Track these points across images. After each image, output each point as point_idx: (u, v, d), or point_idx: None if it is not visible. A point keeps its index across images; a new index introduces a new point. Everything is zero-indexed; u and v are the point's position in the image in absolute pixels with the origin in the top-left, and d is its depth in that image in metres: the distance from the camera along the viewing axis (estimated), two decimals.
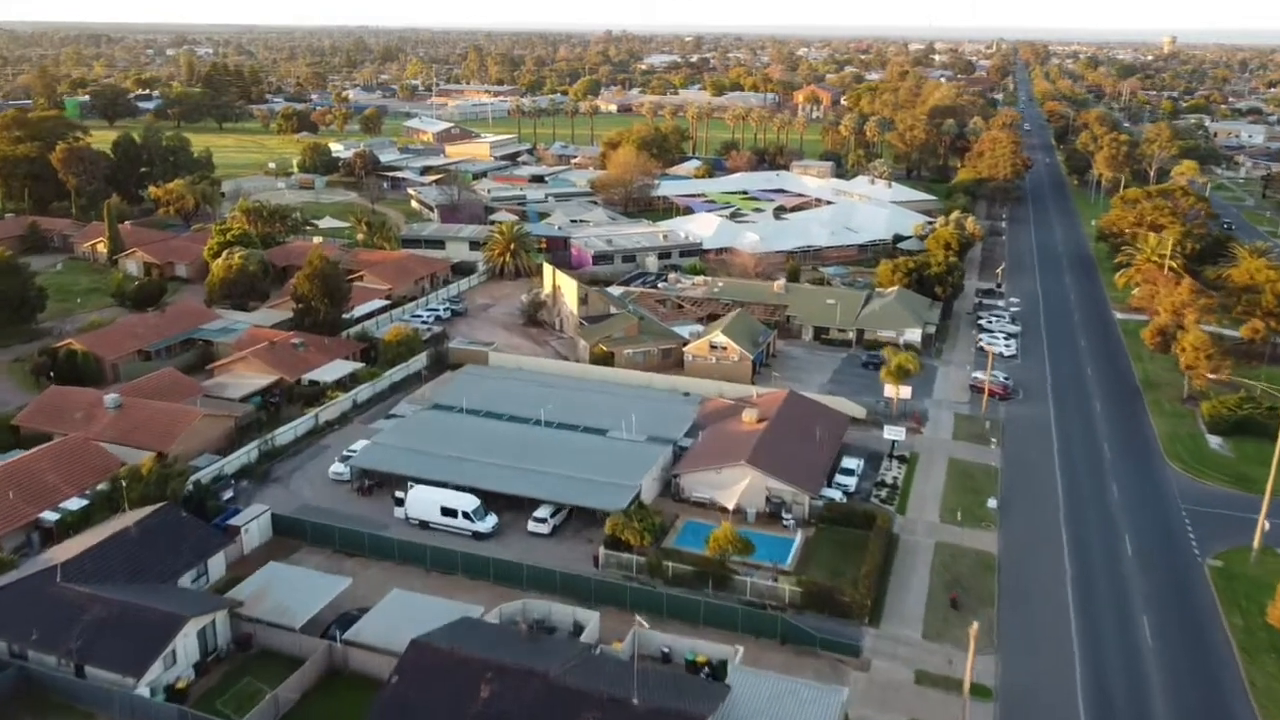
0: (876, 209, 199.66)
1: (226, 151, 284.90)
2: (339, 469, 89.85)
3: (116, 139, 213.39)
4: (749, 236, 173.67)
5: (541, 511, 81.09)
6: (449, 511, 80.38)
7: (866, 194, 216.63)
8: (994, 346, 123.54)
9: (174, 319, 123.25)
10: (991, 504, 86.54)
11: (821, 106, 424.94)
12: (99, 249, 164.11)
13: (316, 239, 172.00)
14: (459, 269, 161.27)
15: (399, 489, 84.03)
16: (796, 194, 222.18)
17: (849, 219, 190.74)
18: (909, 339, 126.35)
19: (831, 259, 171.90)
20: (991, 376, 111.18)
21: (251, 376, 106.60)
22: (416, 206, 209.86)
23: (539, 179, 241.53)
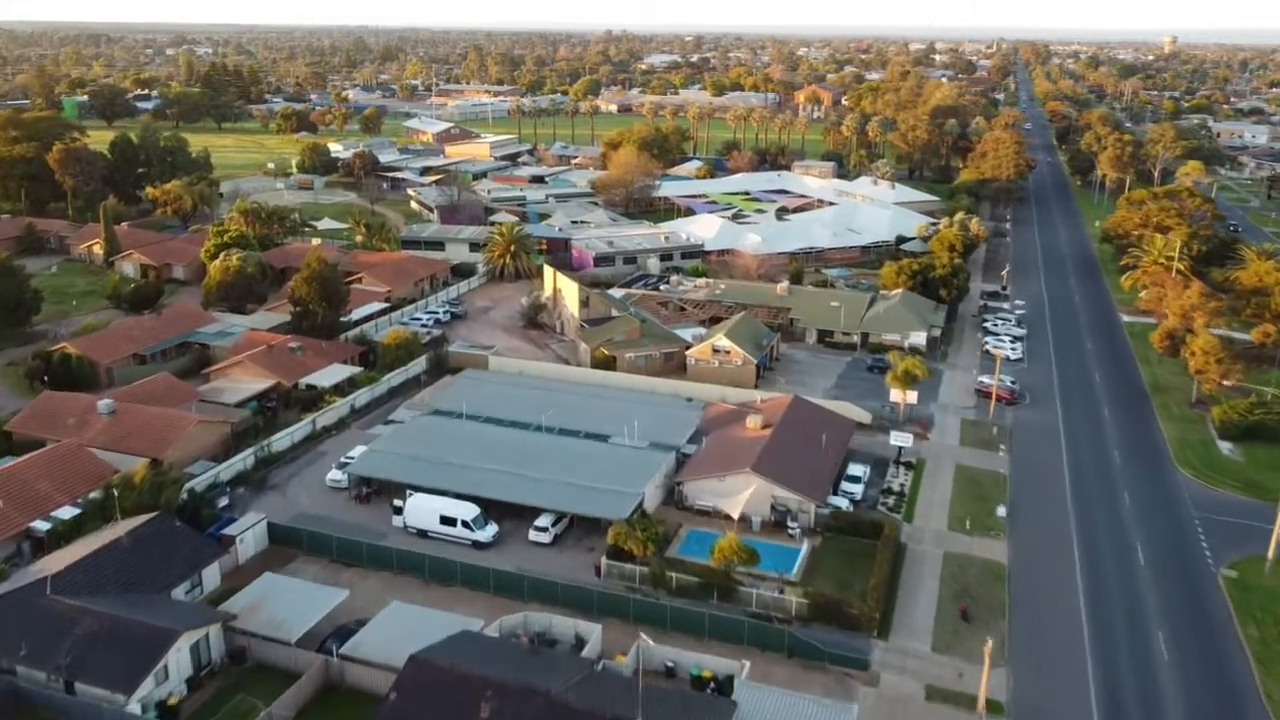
0: (879, 210, 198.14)
1: (225, 152, 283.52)
2: (337, 476, 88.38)
3: (114, 139, 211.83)
4: (751, 238, 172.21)
5: (542, 520, 79.58)
6: (448, 520, 78.92)
7: (869, 195, 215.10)
8: (1000, 350, 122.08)
9: (170, 322, 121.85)
10: (1000, 512, 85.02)
11: (822, 107, 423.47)
12: (95, 250, 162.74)
13: (315, 240, 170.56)
14: (458, 271, 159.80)
15: (397, 497, 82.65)
16: (798, 195, 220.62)
17: (852, 220, 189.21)
18: (914, 342, 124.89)
19: (834, 261, 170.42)
20: (998, 381, 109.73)
21: (248, 381, 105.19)
22: (416, 207, 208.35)
23: (539, 179, 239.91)
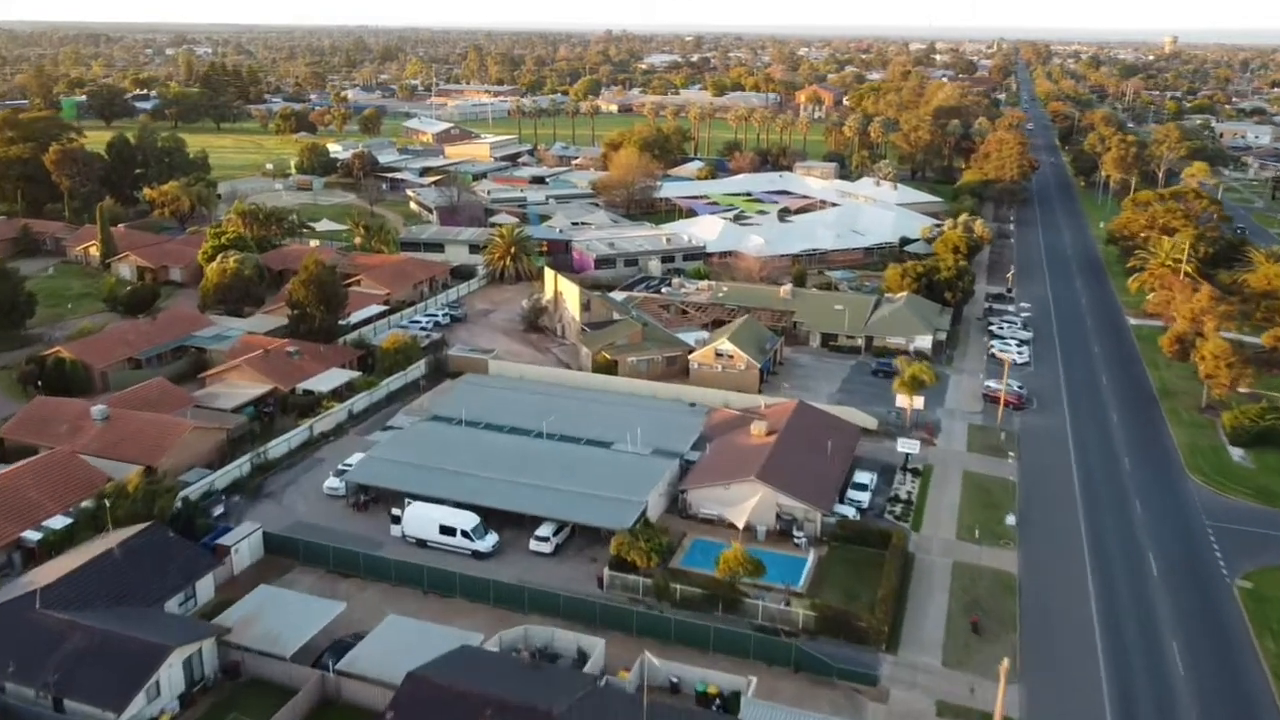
0: (882, 211, 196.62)
1: (224, 152, 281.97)
2: (334, 484, 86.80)
3: (111, 140, 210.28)
4: (753, 239, 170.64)
5: (544, 530, 78.02)
6: (448, 530, 77.37)
7: (872, 196, 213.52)
8: (1006, 353, 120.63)
9: (166, 325, 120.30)
10: (1010, 520, 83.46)
11: (823, 107, 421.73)
12: (92, 252, 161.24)
13: (313, 242, 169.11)
14: (458, 273, 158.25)
15: (395, 505, 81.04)
16: (801, 196, 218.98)
17: (855, 221, 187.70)
18: (919, 346, 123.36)
19: (837, 262, 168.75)
20: (1006, 385, 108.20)
21: (245, 386, 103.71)
22: (415, 208, 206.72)
23: (539, 180, 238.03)
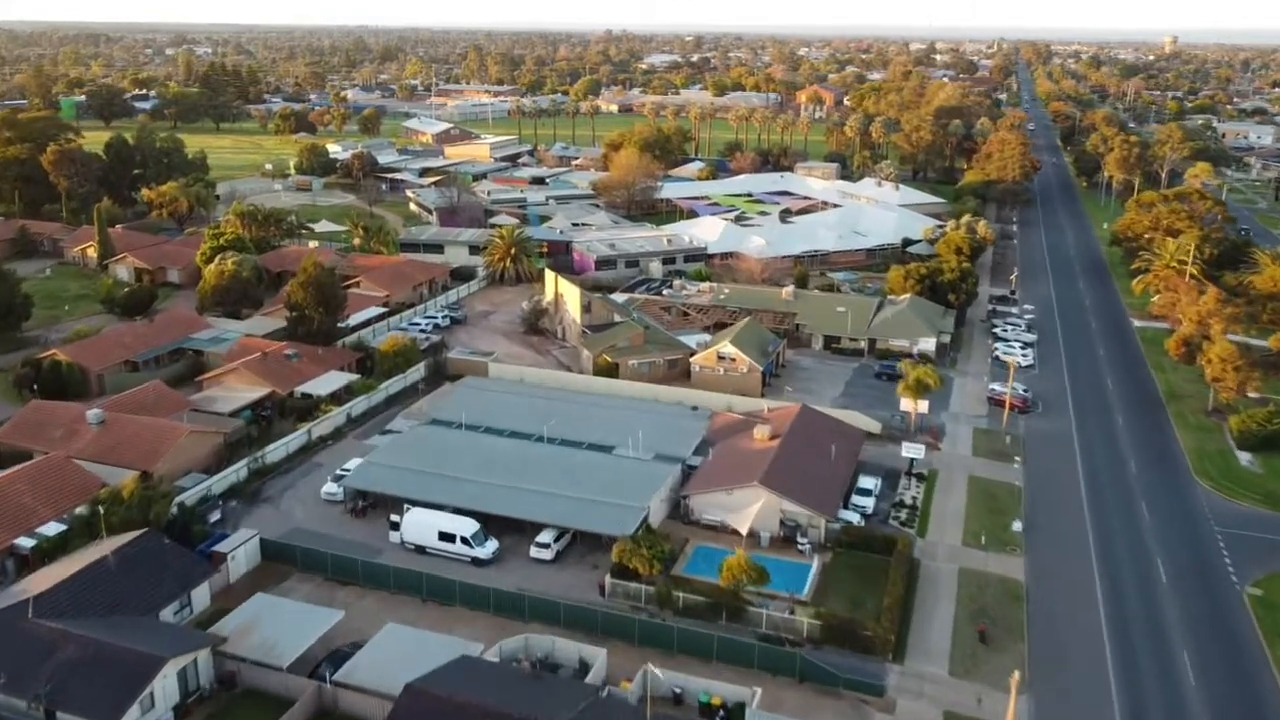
0: (884, 212, 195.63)
1: (223, 152, 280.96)
2: (332, 489, 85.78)
3: (109, 140, 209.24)
4: (755, 241, 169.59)
5: (544, 536, 76.97)
6: (447, 536, 76.35)
7: (873, 196, 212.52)
8: (1011, 356, 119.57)
9: (163, 328, 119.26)
10: (1016, 526, 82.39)
11: (824, 107, 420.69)
12: (89, 253, 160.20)
13: (312, 243, 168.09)
14: (458, 274, 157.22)
15: (394, 511, 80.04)
16: (802, 196, 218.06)
17: (856, 222, 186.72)
18: (923, 348, 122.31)
19: (839, 264, 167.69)
20: (1011, 389, 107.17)
21: (242, 389, 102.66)
22: (415, 209, 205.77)
23: (540, 181, 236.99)
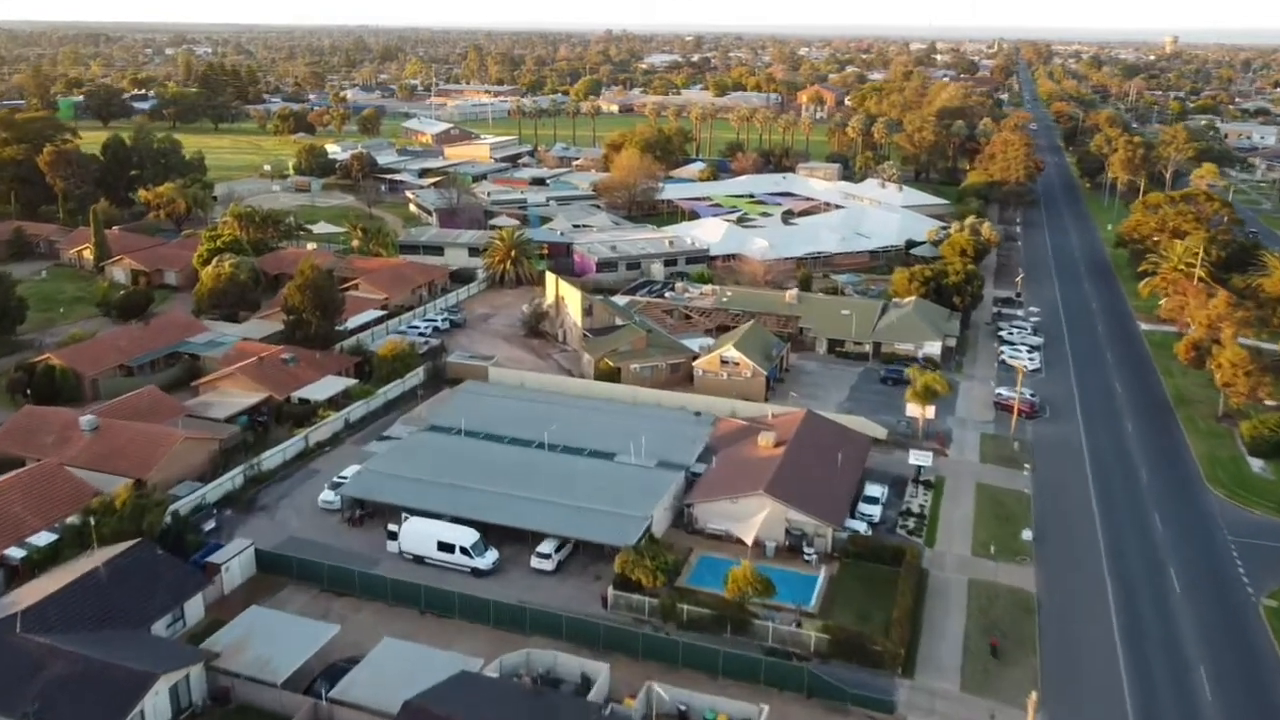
0: (887, 213, 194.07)
1: (222, 153, 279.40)
2: (329, 497, 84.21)
3: (106, 141, 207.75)
4: (757, 242, 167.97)
5: (545, 547, 75.43)
6: (446, 546, 74.82)
7: (876, 197, 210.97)
8: (1017, 360, 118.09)
9: (159, 332, 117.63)
10: (1026, 535, 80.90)
11: (826, 107, 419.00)
12: (86, 255, 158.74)
13: (310, 245, 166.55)
14: (457, 276, 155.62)
15: (392, 520, 78.50)
16: (804, 198, 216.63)
17: (859, 224, 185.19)
18: (928, 352, 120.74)
19: (842, 266, 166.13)
20: (1019, 393, 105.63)
21: (238, 394, 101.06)
22: (414, 210, 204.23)
23: (540, 182, 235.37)
